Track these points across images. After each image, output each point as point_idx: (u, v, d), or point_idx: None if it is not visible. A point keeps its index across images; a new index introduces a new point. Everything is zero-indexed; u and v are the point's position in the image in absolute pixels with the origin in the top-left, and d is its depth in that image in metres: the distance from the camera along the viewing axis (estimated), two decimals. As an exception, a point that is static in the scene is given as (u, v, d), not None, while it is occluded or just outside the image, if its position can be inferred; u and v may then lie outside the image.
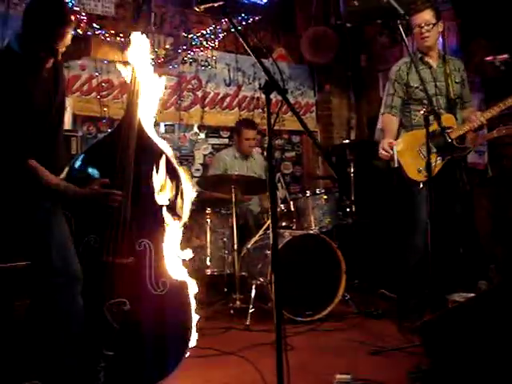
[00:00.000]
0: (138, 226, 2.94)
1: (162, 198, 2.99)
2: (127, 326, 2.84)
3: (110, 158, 2.94)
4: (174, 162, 3.08)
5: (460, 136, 4.03)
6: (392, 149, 3.93)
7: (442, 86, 4.18)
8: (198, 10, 2.68)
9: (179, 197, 3.00)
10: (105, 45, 5.51)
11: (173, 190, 3.00)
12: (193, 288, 2.99)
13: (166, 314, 2.92)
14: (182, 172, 3.08)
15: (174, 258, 3.01)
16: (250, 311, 4.24)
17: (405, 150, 4.05)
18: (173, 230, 3.01)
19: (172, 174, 3.03)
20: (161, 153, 3.04)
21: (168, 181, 3.01)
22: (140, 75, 3.09)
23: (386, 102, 4.35)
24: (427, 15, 4.08)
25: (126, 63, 3.16)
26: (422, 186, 3.92)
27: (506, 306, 2.58)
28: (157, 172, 2.99)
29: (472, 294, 3.63)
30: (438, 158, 3.98)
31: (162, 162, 3.02)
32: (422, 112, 3.67)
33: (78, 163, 3.00)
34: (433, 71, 4.18)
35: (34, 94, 2.75)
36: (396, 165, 3.90)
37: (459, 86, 4.24)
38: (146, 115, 3.13)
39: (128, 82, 3.11)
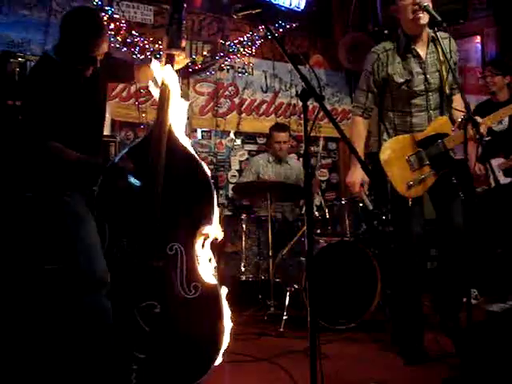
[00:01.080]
0: (169, 229, 2.96)
1: (193, 202, 3.01)
2: (158, 328, 2.86)
3: (142, 162, 2.97)
4: (206, 168, 3.08)
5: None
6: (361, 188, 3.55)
7: (435, 79, 3.47)
8: (235, 17, 2.71)
9: (209, 201, 3.01)
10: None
11: (203, 195, 3.02)
12: (225, 292, 2.99)
13: (197, 317, 2.92)
14: (211, 179, 3.08)
15: (206, 262, 3.03)
16: (284, 318, 4.22)
17: (392, 158, 3.44)
18: (204, 234, 3.03)
19: (203, 180, 3.04)
20: (192, 159, 3.07)
21: (199, 186, 3.03)
22: (170, 82, 3.11)
23: (358, 100, 3.63)
24: None
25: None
26: (411, 203, 3.38)
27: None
28: (188, 177, 3.03)
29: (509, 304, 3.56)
30: (432, 171, 3.41)
31: (194, 168, 3.04)
32: (459, 119, 3.20)
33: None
34: (421, 61, 3.44)
35: (68, 95, 2.86)
36: (370, 207, 3.57)
37: (451, 75, 3.47)
38: (177, 122, 3.15)
39: (159, 88, 3.13)
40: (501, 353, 2.65)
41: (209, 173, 3.07)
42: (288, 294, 4.35)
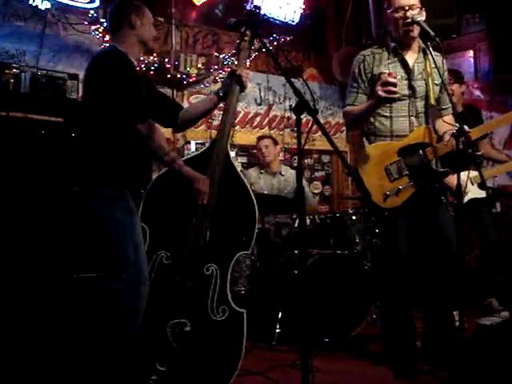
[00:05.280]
0: (210, 250, 3.00)
1: (238, 227, 3.09)
2: (184, 346, 2.91)
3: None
4: (251, 191, 3.14)
5: (442, 156, 3.34)
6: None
7: (420, 87, 3.40)
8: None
9: (253, 228, 3.08)
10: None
11: (248, 221, 3.08)
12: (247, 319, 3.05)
13: (220, 340, 2.99)
14: (254, 201, 3.12)
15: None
16: (277, 331, 4.21)
17: (371, 166, 3.33)
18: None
19: (251, 206, 3.10)
20: (243, 183, 3.13)
21: (246, 212, 3.09)
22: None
23: (348, 100, 3.52)
24: None
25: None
26: (387, 213, 3.30)
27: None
28: (237, 201, 3.10)
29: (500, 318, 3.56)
30: (410, 182, 3.29)
31: (244, 194, 3.11)
32: (450, 131, 3.16)
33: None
34: (407, 67, 3.39)
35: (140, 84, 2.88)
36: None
37: (438, 89, 3.47)
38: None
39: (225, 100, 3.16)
40: (491, 367, 2.65)
41: (255, 201, 3.11)
42: (280, 306, 4.34)
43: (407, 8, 3.28)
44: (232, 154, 6.41)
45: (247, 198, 3.09)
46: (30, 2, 4.84)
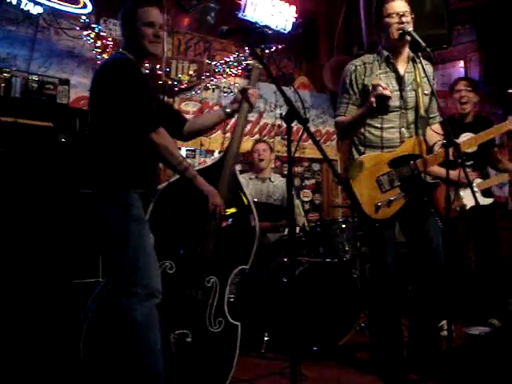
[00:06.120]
0: (212, 263, 3.03)
1: (240, 242, 3.16)
2: (181, 355, 2.93)
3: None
4: (253, 206, 3.21)
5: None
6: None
7: (410, 97, 3.41)
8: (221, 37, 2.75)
9: (253, 245, 3.16)
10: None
11: (249, 238, 3.16)
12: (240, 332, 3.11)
13: (213, 350, 3.03)
14: (256, 216, 3.20)
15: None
16: (266, 339, 4.20)
17: (362, 177, 3.32)
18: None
19: (252, 223, 3.19)
20: (244, 196, 3.22)
21: (247, 229, 3.17)
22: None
23: (339, 111, 3.50)
24: (406, 5, 3.35)
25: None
26: (377, 225, 3.31)
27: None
28: (241, 218, 3.17)
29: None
30: (401, 194, 3.29)
31: (245, 206, 3.20)
32: (439, 142, 3.19)
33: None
34: (399, 77, 3.40)
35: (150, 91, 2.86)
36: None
37: (428, 99, 3.48)
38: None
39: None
40: (480, 376, 2.66)
41: (257, 218, 3.19)
42: (270, 314, 4.34)
43: (401, 14, 3.30)
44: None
45: (250, 213, 3.19)
46: (22, 6, 4.81)
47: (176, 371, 2.88)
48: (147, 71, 5.34)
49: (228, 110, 3.23)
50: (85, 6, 5.10)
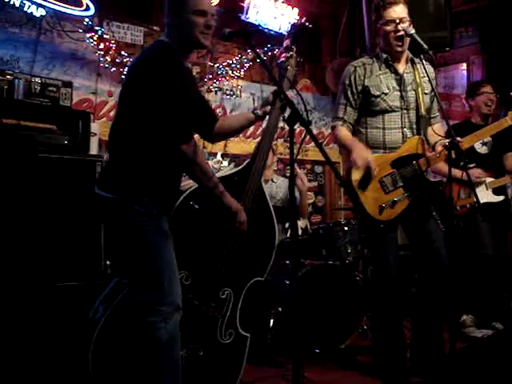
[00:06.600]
0: (228, 275, 2.97)
1: (257, 255, 3.10)
2: (191, 368, 2.87)
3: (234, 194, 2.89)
4: (275, 220, 3.13)
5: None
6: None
7: (411, 97, 3.39)
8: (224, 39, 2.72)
9: (270, 258, 3.12)
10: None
11: (267, 251, 3.11)
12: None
13: (221, 361, 2.99)
14: (277, 230, 3.14)
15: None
16: (268, 341, 4.20)
17: (365, 179, 3.28)
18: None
19: (273, 236, 3.13)
20: (270, 212, 3.15)
21: (267, 241, 3.11)
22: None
23: (337, 114, 3.48)
24: (405, 10, 3.31)
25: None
26: (382, 225, 3.27)
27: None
28: (261, 230, 3.10)
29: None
30: (405, 194, 3.28)
31: (268, 223, 3.12)
32: (441, 141, 3.20)
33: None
34: (399, 78, 3.39)
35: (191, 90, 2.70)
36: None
37: (428, 98, 3.48)
38: None
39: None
40: (482, 379, 2.65)
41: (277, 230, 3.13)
42: (272, 316, 4.33)
43: (398, 21, 3.27)
44: (225, 163, 6.41)
45: (271, 227, 3.12)
46: (25, 8, 4.84)
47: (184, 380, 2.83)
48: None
49: (258, 112, 3.01)
50: (88, 9, 5.13)
